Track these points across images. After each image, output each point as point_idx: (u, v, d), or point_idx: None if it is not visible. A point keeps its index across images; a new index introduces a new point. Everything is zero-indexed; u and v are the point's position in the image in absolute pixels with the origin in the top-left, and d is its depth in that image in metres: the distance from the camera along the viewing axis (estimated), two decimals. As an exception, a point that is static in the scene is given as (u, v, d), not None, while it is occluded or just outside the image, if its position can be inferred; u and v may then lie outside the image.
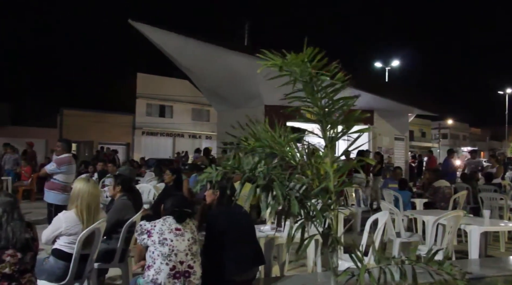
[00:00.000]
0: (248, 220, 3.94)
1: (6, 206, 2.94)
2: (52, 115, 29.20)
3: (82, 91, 28.67)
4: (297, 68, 2.20)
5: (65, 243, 3.73)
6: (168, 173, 6.82)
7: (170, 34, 14.03)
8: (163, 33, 14.12)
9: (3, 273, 2.79)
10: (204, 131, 33.28)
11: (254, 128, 2.57)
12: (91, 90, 28.79)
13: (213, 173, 2.23)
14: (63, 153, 6.75)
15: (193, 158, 15.56)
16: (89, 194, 3.87)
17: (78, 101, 28.15)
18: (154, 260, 3.24)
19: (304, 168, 2.42)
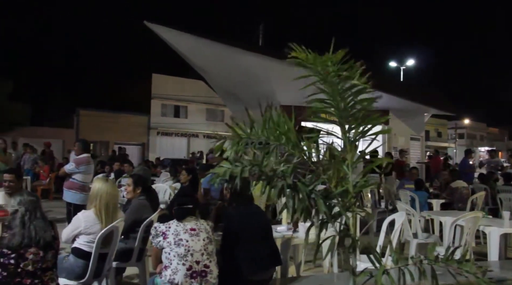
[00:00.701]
0: (264, 220, 3.95)
1: (29, 205, 3.00)
2: (69, 115, 29.62)
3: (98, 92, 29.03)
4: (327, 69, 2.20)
5: (84, 242, 3.79)
6: (184, 173, 6.86)
7: (185, 35, 14.11)
8: (178, 34, 14.21)
9: (26, 270, 2.85)
10: (218, 131, 33.36)
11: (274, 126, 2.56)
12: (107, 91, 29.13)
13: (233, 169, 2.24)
14: (81, 153, 6.85)
15: (207, 158, 15.62)
16: (108, 194, 3.93)
17: (94, 102, 28.50)
18: (171, 261, 3.26)
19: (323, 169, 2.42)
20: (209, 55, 14.18)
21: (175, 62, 23.55)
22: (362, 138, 2.34)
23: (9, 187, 4.68)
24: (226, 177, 2.30)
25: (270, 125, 2.47)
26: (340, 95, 2.38)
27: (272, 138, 2.41)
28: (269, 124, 2.42)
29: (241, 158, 2.35)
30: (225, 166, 2.26)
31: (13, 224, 2.92)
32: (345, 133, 2.39)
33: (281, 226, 4.72)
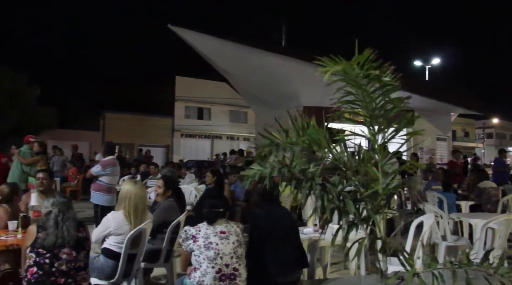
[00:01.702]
0: (291, 221, 3.93)
1: (62, 206, 3.07)
2: (95, 118, 30.21)
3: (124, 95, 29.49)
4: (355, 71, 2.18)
5: (114, 242, 3.86)
6: (209, 175, 6.92)
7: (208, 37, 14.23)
8: (202, 37, 14.34)
9: (60, 269, 2.92)
10: (241, 132, 33.46)
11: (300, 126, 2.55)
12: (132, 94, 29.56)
13: (263, 170, 2.25)
14: (107, 155, 6.96)
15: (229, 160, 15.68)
16: (136, 195, 3.99)
17: (120, 104, 28.97)
18: (200, 263, 3.27)
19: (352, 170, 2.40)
20: (232, 57, 14.26)
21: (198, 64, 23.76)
22: (392, 138, 2.31)
23: (42, 185, 4.87)
24: (255, 178, 2.31)
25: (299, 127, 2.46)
26: (369, 95, 2.36)
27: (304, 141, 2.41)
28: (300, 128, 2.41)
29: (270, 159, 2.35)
30: (255, 168, 2.27)
31: (47, 225, 3.00)
32: (374, 134, 2.37)
33: (308, 228, 4.71)
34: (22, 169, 7.82)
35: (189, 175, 12.10)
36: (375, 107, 2.33)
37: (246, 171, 2.30)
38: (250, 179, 2.30)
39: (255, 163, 2.34)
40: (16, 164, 8.00)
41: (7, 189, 4.62)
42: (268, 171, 2.33)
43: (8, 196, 4.57)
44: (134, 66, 32.07)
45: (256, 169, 2.28)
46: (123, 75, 31.00)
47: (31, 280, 2.88)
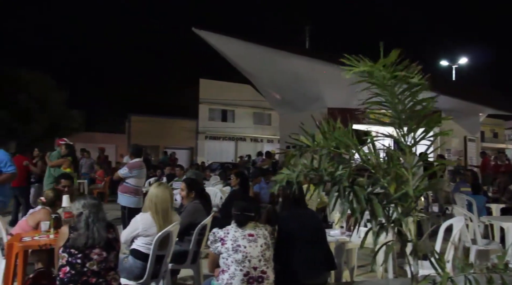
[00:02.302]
0: (318, 224, 3.91)
1: (92, 207, 3.14)
2: (121, 121, 30.70)
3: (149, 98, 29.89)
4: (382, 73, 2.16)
5: (142, 243, 3.91)
6: (233, 177, 6.94)
7: (233, 40, 14.33)
8: (226, 39, 14.44)
9: (91, 269, 2.98)
10: (265, 134, 33.48)
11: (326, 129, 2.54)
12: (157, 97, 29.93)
13: (291, 174, 2.24)
14: (135, 157, 7.06)
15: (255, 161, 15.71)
16: (163, 197, 4.04)
17: (145, 107, 29.35)
18: (228, 266, 3.29)
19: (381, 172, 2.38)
20: (256, 59, 14.31)
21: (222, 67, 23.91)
22: (422, 139, 2.28)
23: (66, 192, 5.05)
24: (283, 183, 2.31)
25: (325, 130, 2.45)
26: (397, 97, 2.33)
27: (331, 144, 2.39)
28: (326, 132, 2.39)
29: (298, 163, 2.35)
30: (284, 172, 2.27)
31: (78, 226, 3.07)
32: (403, 135, 2.34)
33: (335, 230, 4.67)
34: (49, 171, 8.01)
35: (214, 177, 12.17)
36: (404, 108, 2.30)
37: (277, 176, 2.31)
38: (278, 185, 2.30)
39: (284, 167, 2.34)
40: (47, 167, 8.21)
41: (51, 193, 4.80)
42: (296, 175, 2.33)
43: (52, 200, 4.75)
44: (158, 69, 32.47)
45: (284, 173, 2.28)
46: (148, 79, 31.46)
47: (64, 279, 2.95)
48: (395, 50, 2.28)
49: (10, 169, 5.31)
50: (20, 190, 8.51)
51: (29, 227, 4.56)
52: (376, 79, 2.30)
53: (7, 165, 5.31)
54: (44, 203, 4.77)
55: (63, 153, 8.14)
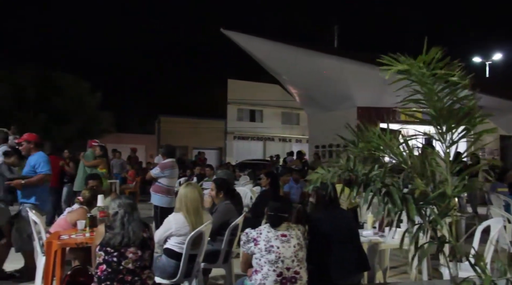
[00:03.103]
0: (351, 224, 3.87)
1: (127, 207, 3.19)
2: (150, 122, 31.20)
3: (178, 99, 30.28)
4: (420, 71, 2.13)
5: (175, 243, 3.97)
6: (263, 177, 6.94)
7: (261, 40, 14.35)
8: (254, 40, 14.48)
9: (127, 268, 3.04)
10: (294, 134, 33.40)
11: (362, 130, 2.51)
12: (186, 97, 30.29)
13: (326, 174, 2.23)
14: (167, 158, 7.14)
15: (286, 161, 15.68)
16: (193, 197, 4.07)
17: (174, 108, 29.73)
18: (261, 266, 3.29)
19: (417, 172, 2.34)
20: (285, 59, 14.29)
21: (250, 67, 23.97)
22: (462, 138, 2.23)
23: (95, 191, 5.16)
24: (317, 184, 2.30)
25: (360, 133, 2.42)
26: (437, 94, 2.28)
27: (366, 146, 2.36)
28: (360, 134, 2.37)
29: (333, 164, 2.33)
30: (319, 172, 2.26)
31: (114, 225, 3.13)
32: (442, 134, 2.29)
33: (367, 231, 4.62)
34: (85, 171, 8.20)
35: (244, 177, 12.20)
36: (443, 106, 2.25)
37: (311, 175, 2.30)
38: (312, 186, 2.29)
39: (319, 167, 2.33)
40: (81, 167, 8.41)
41: (88, 193, 4.92)
42: (330, 175, 2.31)
43: (89, 200, 4.88)
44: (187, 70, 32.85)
45: (319, 172, 2.27)
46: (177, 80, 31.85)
47: (101, 277, 3.02)
48: (434, 47, 2.24)
49: (44, 170, 5.45)
50: (54, 190, 8.77)
51: (68, 225, 4.69)
52: (415, 76, 2.26)
53: (41, 166, 5.46)
54: (82, 202, 4.89)
55: (97, 154, 8.33)
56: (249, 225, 5.26)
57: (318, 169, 2.31)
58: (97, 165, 8.24)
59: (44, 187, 5.57)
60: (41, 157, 5.53)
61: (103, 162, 8.36)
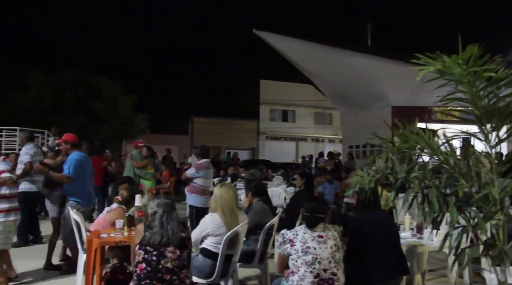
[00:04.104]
0: (392, 226, 3.79)
1: (166, 207, 3.24)
2: (184, 123, 31.60)
3: (210, 99, 30.57)
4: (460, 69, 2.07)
5: (211, 243, 4.00)
6: (298, 178, 6.91)
7: (294, 40, 14.33)
8: (287, 40, 14.47)
9: (166, 267, 3.08)
10: (326, 134, 33.13)
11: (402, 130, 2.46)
12: (218, 98, 30.55)
13: (365, 178, 2.20)
14: (201, 158, 7.21)
15: (317, 162, 15.57)
16: (228, 197, 4.10)
17: (207, 109, 30.03)
18: (298, 267, 3.27)
19: (461, 173, 2.27)
20: (318, 59, 14.22)
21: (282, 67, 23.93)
22: (509, 137, 2.15)
23: None
24: (356, 188, 2.27)
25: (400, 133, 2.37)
26: (478, 93, 2.21)
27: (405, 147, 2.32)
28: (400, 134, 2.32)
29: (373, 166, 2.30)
30: (358, 175, 2.23)
31: (153, 224, 3.18)
32: (487, 133, 2.21)
33: (405, 232, 4.52)
34: (134, 171, 8.40)
35: (277, 177, 12.19)
36: (487, 104, 2.17)
37: (352, 178, 2.27)
38: (352, 190, 2.26)
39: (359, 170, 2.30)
40: (129, 167, 8.62)
41: (126, 193, 5.04)
42: (369, 178, 2.28)
43: (127, 199, 5.00)
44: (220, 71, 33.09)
45: (359, 175, 2.24)
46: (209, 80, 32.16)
47: (140, 275, 3.07)
48: (470, 45, 2.17)
49: (68, 171, 5.59)
50: (95, 190, 9.02)
51: (107, 224, 4.81)
52: (452, 75, 2.19)
53: (68, 167, 5.62)
54: (120, 201, 5.00)
55: (144, 155, 8.53)
56: (283, 225, 5.26)
57: (358, 172, 2.27)
58: (146, 166, 8.44)
59: (84, 185, 5.72)
60: (72, 159, 5.70)
61: (151, 163, 8.57)
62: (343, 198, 7.93)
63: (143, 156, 8.54)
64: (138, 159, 8.57)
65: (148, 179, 8.46)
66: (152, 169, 8.48)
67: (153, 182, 8.78)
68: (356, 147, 15.96)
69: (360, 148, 15.74)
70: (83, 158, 5.83)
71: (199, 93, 31.91)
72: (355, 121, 15.93)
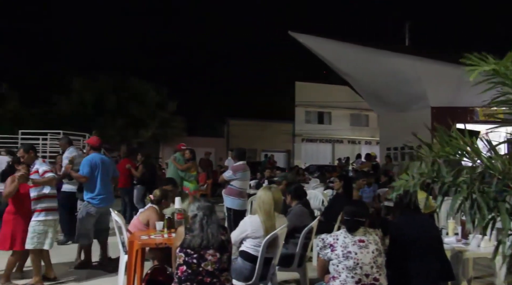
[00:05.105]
0: (435, 231, 3.68)
1: (206, 210, 3.27)
2: (219, 125, 31.86)
3: (246, 102, 30.66)
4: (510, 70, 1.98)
5: (251, 245, 4.00)
6: (336, 180, 6.84)
7: (330, 41, 14.21)
8: (323, 41, 14.37)
9: (206, 270, 3.11)
10: (363, 136, 32.64)
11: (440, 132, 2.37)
12: (254, 100, 30.61)
13: (410, 181, 2.13)
14: (238, 160, 7.26)
15: (355, 164, 15.36)
16: (266, 200, 4.10)
17: (242, 111, 30.14)
18: (339, 273, 3.23)
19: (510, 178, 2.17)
20: (354, 60, 14.05)
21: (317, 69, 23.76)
22: None
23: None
24: (400, 191, 2.21)
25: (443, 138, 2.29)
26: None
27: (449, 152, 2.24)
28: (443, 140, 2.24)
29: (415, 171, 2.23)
30: (402, 179, 2.17)
31: (193, 227, 3.21)
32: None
33: (449, 237, 4.38)
34: (178, 174, 8.55)
35: (314, 180, 12.10)
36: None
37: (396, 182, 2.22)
38: (395, 193, 2.21)
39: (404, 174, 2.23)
40: (173, 169, 8.78)
41: (159, 193, 5.13)
42: (414, 182, 2.21)
43: (158, 199, 5.08)
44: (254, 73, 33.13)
45: (403, 179, 2.17)
46: (244, 83, 32.27)
47: (181, 277, 3.11)
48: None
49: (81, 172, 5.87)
50: (124, 191, 9.28)
51: (140, 225, 4.91)
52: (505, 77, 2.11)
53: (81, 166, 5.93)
54: (152, 201, 5.11)
55: (187, 157, 8.68)
56: (322, 228, 5.21)
57: (403, 175, 2.21)
58: (190, 168, 8.59)
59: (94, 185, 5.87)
60: (86, 160, 5.97)
61: (194, 165, 8.70)
62: (384, 201, 7.79)
63: (186, 159, 8.68)
64: (181, 162, 8.72)
65: (192, 181, 8.58)
66: (195, 171, 8.61)
67: (196, 185, 8.89)
68: (394, 149, 15.65)
69: (398, 150, 15.42)
70: (98, 159, 5.98)
71: (235, 95, 32.05)
72: (393, 123, 15.62)
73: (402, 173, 2.26)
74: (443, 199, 2.14)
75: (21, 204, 4.97)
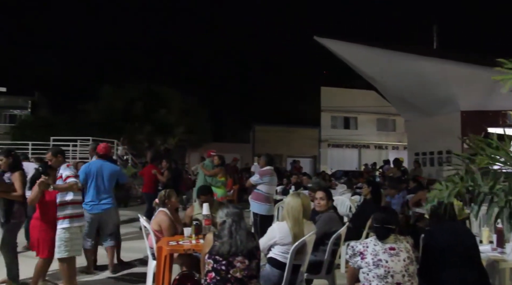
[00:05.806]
0: (472, 239, 3.55)
1: (235, 216, 3.26)
2: (245, 131, 31.97)
3: (271, 107, 30.70)
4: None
5: (279, 252, 3.96)
6: (364, 186, 6.74)
7: (356, 46, 14.10)
8: (348, 46, 14.27)
9: (235, 277, 3.09)
10: (390, 141, 32.16)
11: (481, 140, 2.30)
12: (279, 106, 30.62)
13: (444, 191, 2.08)
14: (265, 165, 7.27)
15: (383, 170, 15.11)
16: (294, 206, 4.05)
17: (268, 117, 30.17)
18: (370, 281, 3.16)
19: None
20: (381, 64, 13.88)
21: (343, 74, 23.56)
22: None
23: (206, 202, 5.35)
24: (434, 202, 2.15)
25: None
26: None
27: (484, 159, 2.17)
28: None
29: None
30: (437, 189, 2.11)
31: (222, 234, 3.21)
32: None
33: (484, 246, 4.24)
34: (206, 180, 8.62)
35: (341, 185, 11.96)
36: None
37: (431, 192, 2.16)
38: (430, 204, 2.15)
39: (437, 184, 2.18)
40: (201, 175, 8.87)
41: (162, 193, 5.20)
42: (449, 191, 2.15)
43: (162, 200, 5.11)
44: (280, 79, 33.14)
45: (437, 189, 2.12)
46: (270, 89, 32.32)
47: (210, 284, 3.11)
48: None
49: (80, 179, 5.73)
50: (148, 196, 9.40)
51: (155, 231, 4.91)
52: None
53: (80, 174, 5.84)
54: (157, 204, 5.15)
55: (216, 163, 8.74)
56: (350, 235, 5.13)
57: (436, 185, 2.15)
58: (217, 174, 8.65)
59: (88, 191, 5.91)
60: (82, 167, 6.07)
61: (222, 171, 8.76)
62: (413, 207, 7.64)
63: (215, 165, 8.73)
64: (210, 168, 8.79)
65: (219, 187, 8.60)
66: (223, 177, 8.64)
67: (225, 190, 8.92)
68: (422, 154, 15.35)
69: (427, 155, 15.12)
70: (94, 167, 5.99)
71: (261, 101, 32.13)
72: (421, 127, 15.35)
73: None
74: (479, 209, 2.07)
75: (47, 211, 4.84)
